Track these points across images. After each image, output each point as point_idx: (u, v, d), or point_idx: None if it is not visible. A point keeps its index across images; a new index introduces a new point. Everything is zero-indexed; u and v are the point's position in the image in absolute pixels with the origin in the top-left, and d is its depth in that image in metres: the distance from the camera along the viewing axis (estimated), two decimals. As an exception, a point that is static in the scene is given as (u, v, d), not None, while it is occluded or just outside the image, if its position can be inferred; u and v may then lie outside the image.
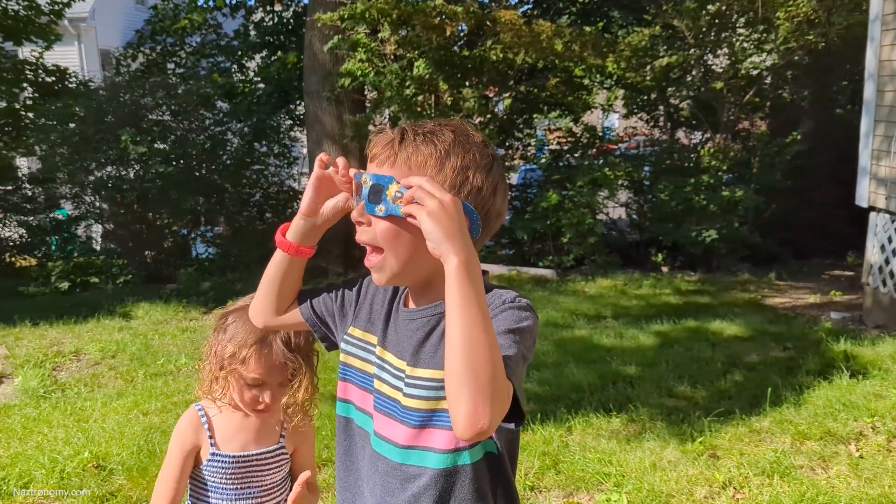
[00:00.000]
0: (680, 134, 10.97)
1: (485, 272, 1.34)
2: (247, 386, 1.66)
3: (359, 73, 8.44)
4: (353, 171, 1.26)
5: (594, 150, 10.29)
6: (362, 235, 1.26)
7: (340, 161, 1.29)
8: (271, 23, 13.13)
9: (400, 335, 1.32)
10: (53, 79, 10.48)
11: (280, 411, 1.72)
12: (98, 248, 10.34)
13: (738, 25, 9.51)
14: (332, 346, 1.46)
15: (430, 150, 1.21)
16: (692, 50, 9.37)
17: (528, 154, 10.91)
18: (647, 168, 10.02)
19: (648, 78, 9.36)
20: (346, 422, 1.41)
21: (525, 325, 1.19)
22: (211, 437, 1.70)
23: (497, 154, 1.30)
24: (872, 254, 6.36)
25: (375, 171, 1.23)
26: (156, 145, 9.35)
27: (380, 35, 8.50)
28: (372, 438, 1.33)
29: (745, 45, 9.35)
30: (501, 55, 8.46)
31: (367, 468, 1.35)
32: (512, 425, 1.17)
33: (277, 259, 1.41)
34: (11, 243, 10.12)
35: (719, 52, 9.78)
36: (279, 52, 12.51)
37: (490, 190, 1.25)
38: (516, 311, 1.20)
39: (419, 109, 8.53)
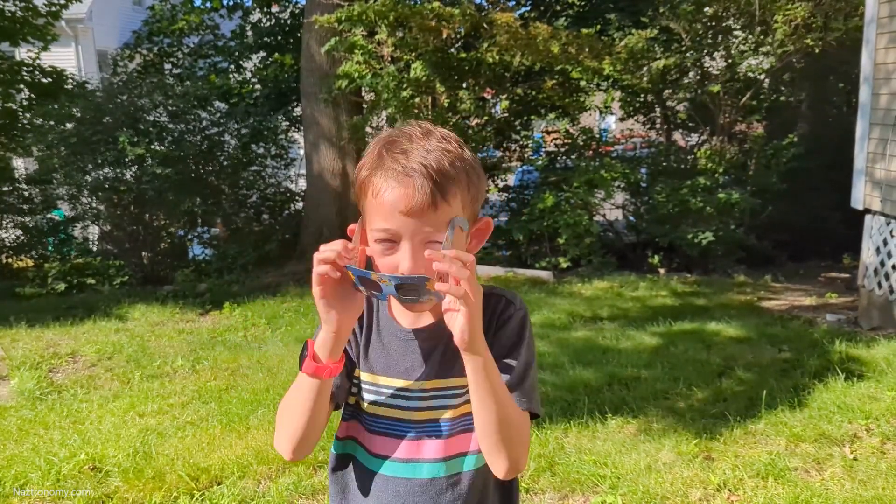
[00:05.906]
0: (677, 136, 10.99)
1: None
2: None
3: (356, 74, 8.45)
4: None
5: (591, 151, 10.31)
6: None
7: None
8: (268, 24, 13.15)
9: (393, 355, 1.29)
10: (50, 80, 10.44)
11: None
12: (95, 249, 10.31)
13: (734, 28, 9.53)
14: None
15: (457, 188, 1.18)
16: (689, 52, 9.39)
17: (525, 156, 10.93)
18: (643, 170, 10.04)
19: (645, 80, 9.38)
20: (349, 459, 1.35)
21: (527, 333, 1.28)
22: None
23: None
24: (868, 256, 6.38)
25: (416, 226, 1.15)
26: (153, 146, 9.35)
27: (377, 37, 8.52)
28: (387, 465, 1.28)
29: (742, 47, 9.37)
30: (498, 57, 8.47)
31: (378, 497, 1.29)
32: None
33: (309, 388, 1.19)
34: (8, 244, 10.10)
35: (716, 54, 9.81)
36: (276, 54, 12.53)
37: (483, 197, 1.29)
38: (518, 325, 1.27)
39: (416, 111, 8.54)
